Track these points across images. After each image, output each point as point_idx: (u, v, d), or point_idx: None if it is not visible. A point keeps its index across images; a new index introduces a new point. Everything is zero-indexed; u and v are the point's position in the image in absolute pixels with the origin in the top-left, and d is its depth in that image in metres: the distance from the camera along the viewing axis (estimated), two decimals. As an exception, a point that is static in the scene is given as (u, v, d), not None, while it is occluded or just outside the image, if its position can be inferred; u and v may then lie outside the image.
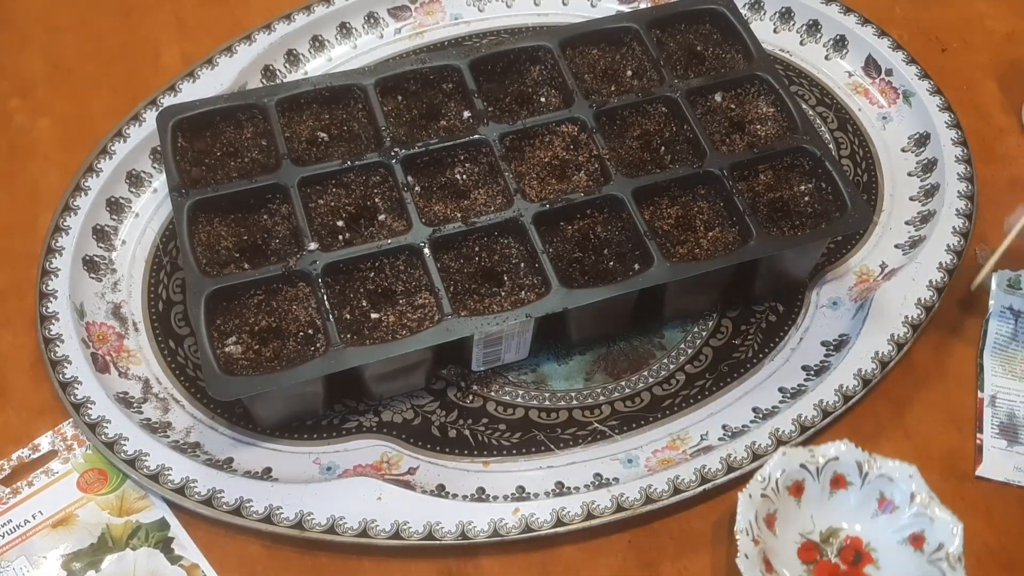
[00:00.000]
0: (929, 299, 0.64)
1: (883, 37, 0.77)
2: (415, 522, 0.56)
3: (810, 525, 0.57)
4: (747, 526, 0.54)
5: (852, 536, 0.57)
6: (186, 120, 0.67)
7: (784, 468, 0.57)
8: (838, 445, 0.58)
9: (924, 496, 0.56)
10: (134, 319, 0.65)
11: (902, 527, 0.56)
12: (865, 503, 0.57)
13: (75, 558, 0.56)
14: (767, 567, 0.54)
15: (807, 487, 0.57)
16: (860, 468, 0.57)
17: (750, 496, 0.55)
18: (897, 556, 0.56)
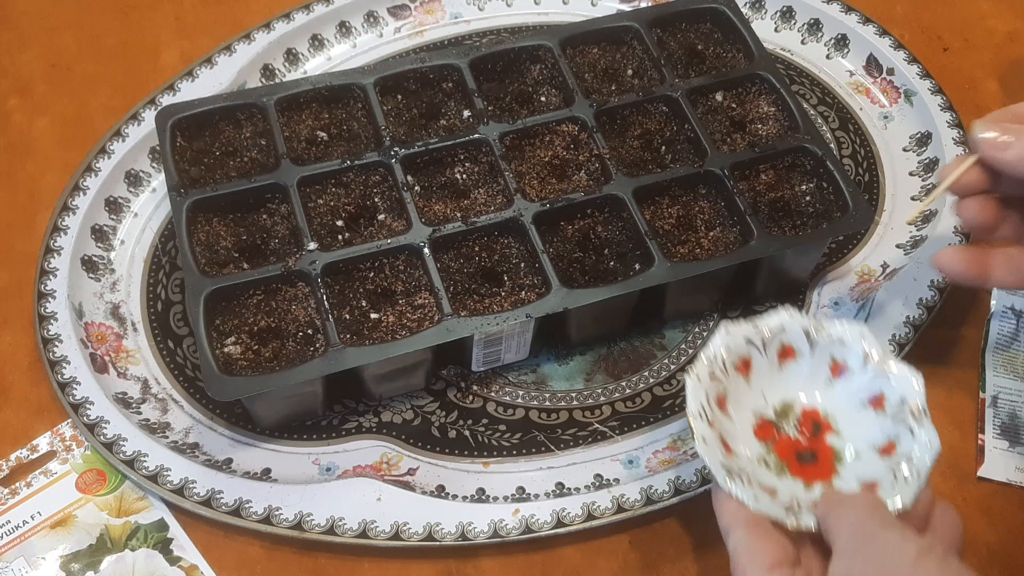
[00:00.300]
0: (931, 299, 0.64)
1: (884, 36, 0.77)
2: (415, 523, 0.56)
3: (763, 402, 0.55)
4: (699, 409, 0.51)
5: (808, 408, 0.55)
6: (185, 119, 0.66)
7: (729, 345, 0.54)
8: (781, 314, 0.55)
9: (878, 354, 0.53)
10: (133, 319, 0.65)
11: (859, 390, 0.54)
12: (817, 371, 0.55)
13: (74, 559, 0.56)
14: (726, 450, 0.51)
15: (755, 363, 0.55)
16: (808, 336, 0.54)
17: (698, 378, 0.52)
18: (858, 420, 0.54)
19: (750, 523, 0.48)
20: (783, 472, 0.52)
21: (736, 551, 0.47)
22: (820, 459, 0.53)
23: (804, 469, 0.53)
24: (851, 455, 0.53)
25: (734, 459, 0.51)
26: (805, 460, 0.53)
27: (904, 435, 0.52)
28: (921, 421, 0.51)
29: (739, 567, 0.47)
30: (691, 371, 0.53)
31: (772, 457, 0.53)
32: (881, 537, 0.44)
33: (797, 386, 0.55)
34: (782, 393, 0.55)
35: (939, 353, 0.65)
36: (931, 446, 0.50)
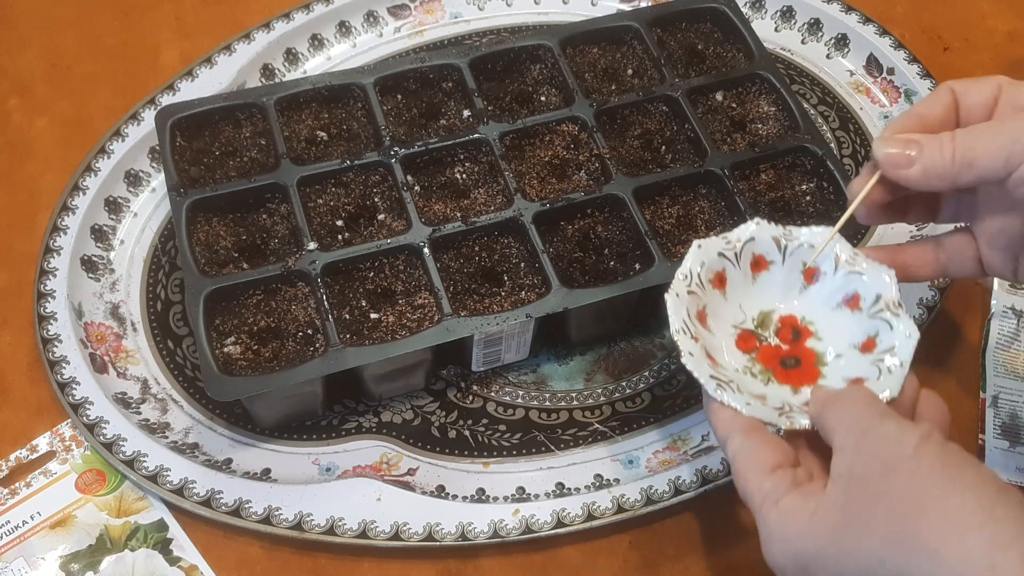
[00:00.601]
0: (931, 299, 0.64)
1: (884, 36, 0.77)
2: (415, 523, 0.56)
3: (741, 315, 0.55)
4: (682, 326, 0.51)
5: (785, 315, 0.55)
6: (185, 119, 0.66)
7: (703, 260, 0.54)
8: (749, 225, 0.55)
9: (848, 255, 0.54)
10: (132, 319, 0.65)
11: (833, 292, 0.54)
12: (791, 278, 0.55)
13: (73, 559, 0.56)
14: (712, 362, 0.52)
15: (729, 276, 0.55)
16: (778, 244, 0.55)
17: (677, 295, 0.53)
18: (836, 322, 0.54)
19: (747, 429, 0.48)
20: (769, 380, 0.53)
21: (736, 457, 0.47)
22: (803, 364, 0.54)
23: (789, 375, 0.53)
24: (833, 356, 0.53)
25: (721, 371, 0.51)
26: (789, 366, 0.53)
27: (883, 329, 0.52)
28: (898, 313, 0.52)
29: (740, 473, 0.47)
30: (670, 289, 0.53)
31: (757, 367, 0.53)
32: (880, 429, 0.44)
33: (773, 295, 0.55)
34: (759, 303, 0.55)
35: (939, 353, 0.65)
36: (911, 335, 0.51)
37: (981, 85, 0.51)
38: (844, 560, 0.42)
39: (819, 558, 0.43)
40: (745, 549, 0.57)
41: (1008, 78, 0.51)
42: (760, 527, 0.46)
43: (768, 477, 0.46)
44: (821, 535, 0.43)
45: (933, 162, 0.48)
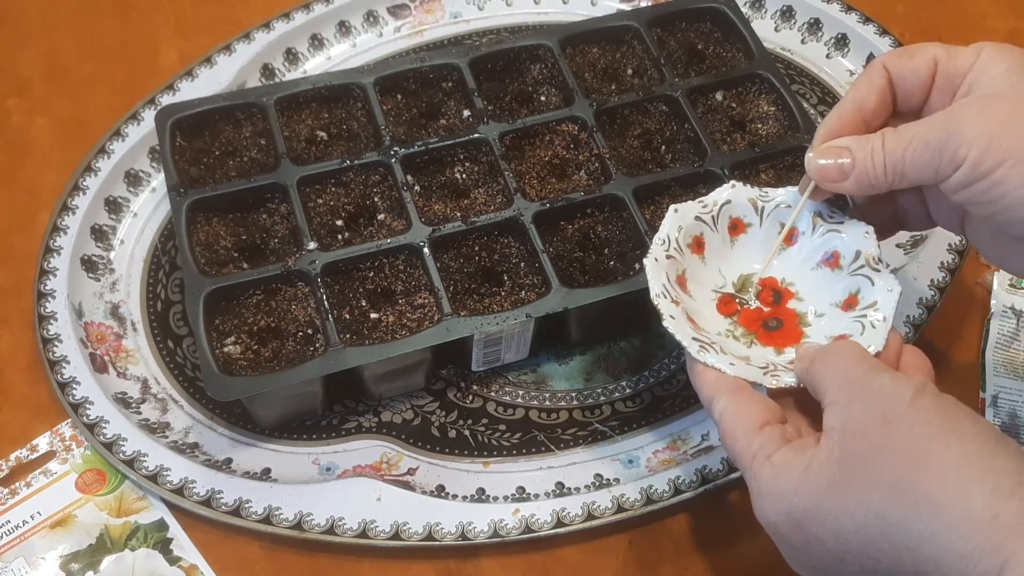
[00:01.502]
0: (930, 299, 0.64)
1: (884, 36, 0.77)
2: (415, 523, 0.56)
3: (720, 279, 0.55)
4: (662, 290, 0.51)
5: (765, 277, 0.55)
6: (184, 119, 0.66)
7: (680, 224, 0.54)
8: (725, 188, 0.55)
9: (826, 213, 0.53)
10: (132, 319, 0.65)
11: (812, 252, 0.54)
12: (769, 240, 0.55)
13: (73, 559, 0.56)
14: (694, 326, 0.51)
15: (707, 240, 0.55)
16: (755, 206, 0.55)
17: (655, 260, 0.52)
18: (816, 282, 0.54)
19: (732, 388, 0.47)
20: (752, 342, 0.53)
21: (722, 417, 0.47)
22: (786, 325, 0.53)
23: (772, 336, 0.53)
24: (814, 315, 0.53)
25: (703, 334, 0.51)
26: (771, 328, 0.53)
27: (864, 286, 0.52)
28: (878, 269, 0.52)
29: (728, 432, 0.46)
30: (648, 254, 0.53)
31: (739, 330, 0.53)
32: (874, 381, 0.43)
33: (751, 257, 0.55)
34: (738, 267, 0.55)
35: (939, 353, 0.65)
36: (892, 289, 0.51)
37: (915, 61, 0.49)
38: (841, 514, 0.41)
39: (815, 513, 0.42)
40: (745, 548, 0.57)
41: (943, 46, 0.49)
42: (751, 484, 0.45)
43: (757, 434, 0.45)
44: (817, 489, 0.42)
45: (866, 175, 0.48)
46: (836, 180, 0.49)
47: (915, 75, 0.49)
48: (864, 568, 0.42)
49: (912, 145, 0.46)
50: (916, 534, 0.40)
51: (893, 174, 0.47)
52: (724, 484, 0.58)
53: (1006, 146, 0.43)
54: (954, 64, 0.48)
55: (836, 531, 0.42)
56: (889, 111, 0.51)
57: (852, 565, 0.42)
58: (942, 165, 0.45)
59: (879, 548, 0.41)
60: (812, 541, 0.43)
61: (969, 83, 0.47)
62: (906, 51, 0.50)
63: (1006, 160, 0.43)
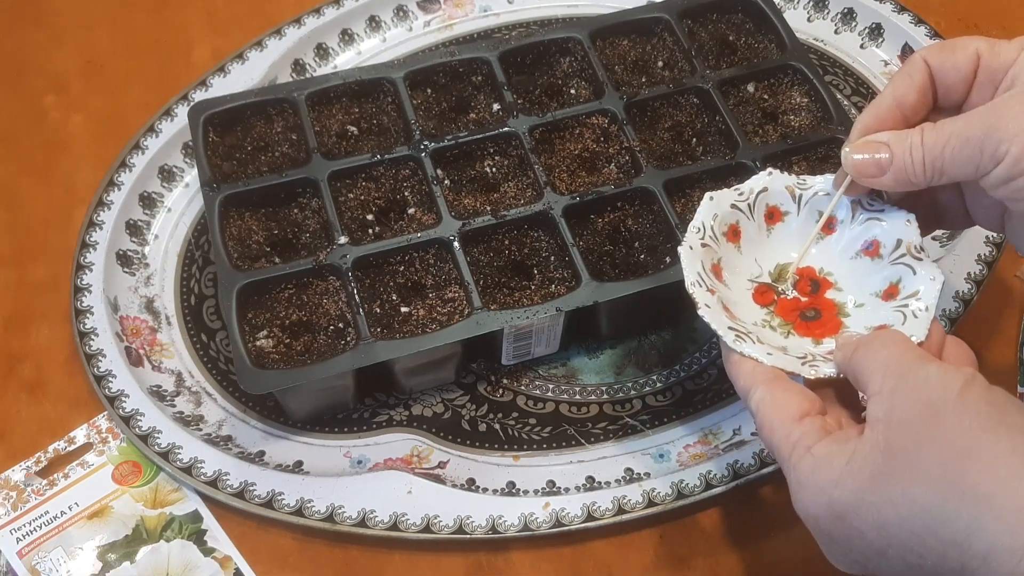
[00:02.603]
0: (967, 292, 0.63)
1: (920, 25, 0.76)
2: (445, 516, 0.56)
3: (757, 269, 0.54)
4: (697, 278, 0.50)
5: (802, 267, 0.53)
6: (217, 115, 0.67)
7: (716, 212, 0.53)
8: (762, 175, 0.54)
9: (865, 201, 0.52)
10: (167, 313, 0.66)
11: (852, 240, 0.52)
12: (806, 229, 0.54)
13: (110, 549, 0.57)
14: (730, 315, 0.50)
15: (743, 228, 0.53)
16: (793, 194, 0.53)
17: (690, 248, 0.51)
18: (856, 271, 0.52)
19: (769, 379, 0.46)
20: (789, 332, 0.52)
21: (760, 407, 0.46)
22: (824, 315, 0.52)
23: (810, 327, 0.52)
24: (854, 305, 0.52)
25: (739, 323, 0.50)
26: (809, 318, 0.52)
27: (905, 275, 0.51)
28: (920, 258, 0.50)
29: (765, 423, 0.45)
30: (683, 242, 0.52)
31: (776, 320, 0.52)
32: (921, 371, 0.42)
33: (789, 246, 0.54)
34: (775, 256, 0.54)
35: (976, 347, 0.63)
36: (935, 278, 0.50)
37: (958, 57, 0.48)
38: (884, 507, 0.40)
39: (858, 506, 0.41)
40: (777, 543, 0.57)
41: (986, 40, 0.48)
42: (790, 477, 0.44)
43: (796, 425, 0.44)
44: (860, 482, 0.41)
45: (904, 171, 0.47)
46: (873, 176, 0.49)
47: (956, 71, 0.48)
48: (907, 563, 0.41)
49: (952, 141, 0.45)
50: (963, 528, 0.38)
51: (932, 170, 0.46)
52: (756, 479, 0.57)
53: None
54: (997, 59, 0.47)
55: (879, 525, 0.41)
56: (929, 106, 0.50)
57: (894, 560, 0.41)
58: (983, 161, 0.44)
59: (923, 543, 0.40)
60: (853, 535, 0.42)
61: (1012, 78, 0.47)
62: (947, 45, 0.49)
63: None
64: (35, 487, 0.59)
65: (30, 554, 0.57)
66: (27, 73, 0.79)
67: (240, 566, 0.57)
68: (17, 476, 0.60)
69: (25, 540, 0.57)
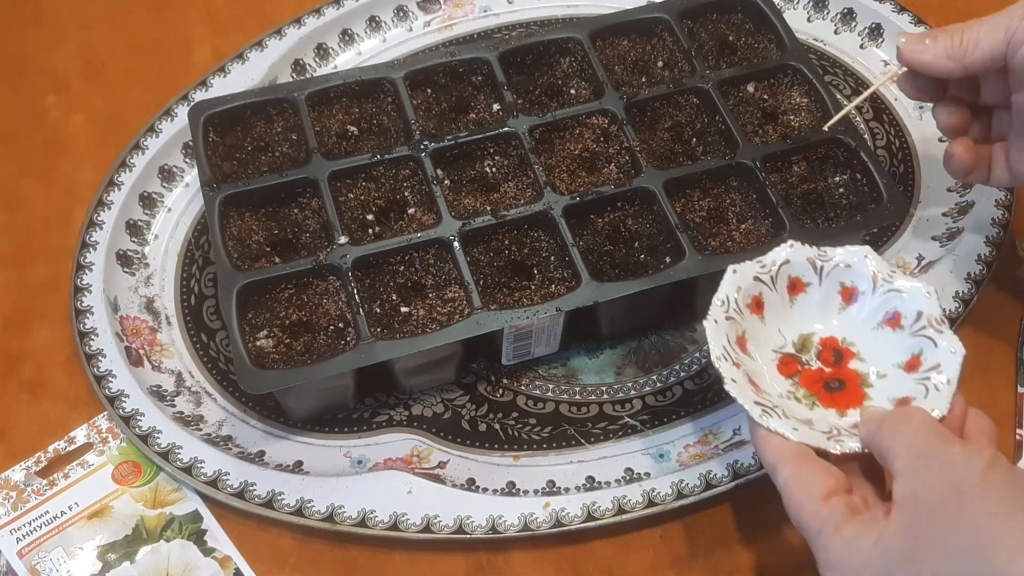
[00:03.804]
0: (967, 292, 0.63)
1: (920, 25, 0.76)
2: (445, 516, 0.56)
3: (780, 339, 0.55)
4: (722, 352, 0.51)
5: (825, 337, 0.55)
6: (217, 115, 0.67)
7: (739, 285, 0.54)
8: (783, 247, 0.55)
9: (885, 273, 0.53)
10: (167, 313, 0.66)
11: (873, 311, 0.54)
12: (828, 299, 0.55)
13: (110, 549, 0.57)
14: (755, 388, 0.51)
15: (766, 300, 0.54)
16: (814, 265, 0.55)
17: (715, 321, 0.52)
18: (878, 342, 0.54)
19: (796, 457, 0.47)
20: (814, 404, 0.52)
21: (787, 486, 0.46)
22: (848, 386, 0.53)
23: (834, 398, 0.53)
24: (877, 376, 0.53)
25: (765, 396, 0.51)
26: (833, 389, 0.53)
27: (927, 347, 0.52)
28: (941, 330, 0.51)
29: (793, 501, 0.46)
30: (708, 316, 0.53)
31: (800, 391, 0.53)
32: (944, 453, 0.43)
33: (811, 317, 0.55)
34: (798, 327, 0.55)
35: (976, 347, 0.64)
36: (956, 351, 0.51)
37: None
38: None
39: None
40: (777, 543, 0.57)
41: None
42: (818, 555, 0.45)
43: (824, 505, 0.45)
44: (890, 563, 0.42)
45: (945, 43, 0.55)
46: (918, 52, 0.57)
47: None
48: None
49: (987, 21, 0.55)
50: None
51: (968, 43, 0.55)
52: (756, 479, 0.57)
53: None
54: None
55: None
56: None
57: None
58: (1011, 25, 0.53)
59: None
60: None
61: None
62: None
63: None
64: (35, 487, 0.59)
65: (30, 554, 0.57)
66: (27, 73, 0.79)
67: (240, 566, 0.57)
68: (17, 476, 0.60)
69: (25, 540, 0.57)
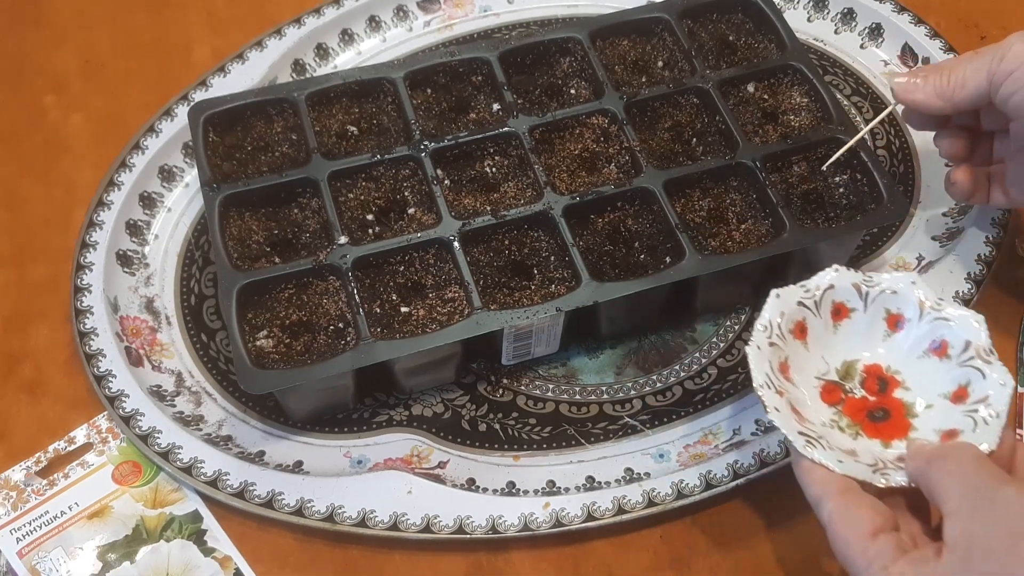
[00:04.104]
0: (967, 292, 0.63)
1: (920, 25, 0.76)
2: (445, 516, 0.56)
3: (824, 366, 0.54)
4: (765, 380, 0.50)
5: (869, 364, 0.54)
6: (217, 115, 0.67)
7: (783, 310, 0.53)
8: (828, 272, 0.54)
9: (933, 301, 0.52)
10: (167, 313, 0.66)
11: (919, 339, 0.53)
12: (874, 326, 0.54)
13: (110, 549, 0.57)
14: (798, 417, 0.50)
15: (810, 325, 0.54)
16: (859, 290, 0.54)
17: (758, 347, 0.51)
18: (924, 371, 0.52)
19: (841, 491, 0.46)
20: (858, 434, 0.52)
21: (832, 522, 0.46)
22: (892, 415, 0.52)
23: (879, 428, 0.52)
24: (923, 407, 0.52)
25: (808, 426, 0.50)
26: (877, 418, 0.52)
27: (975, 378, 0.50)
28: (990, 361, 0.50)
29: (839, 537, 0.45)
30: (750, 342, 0.52)
31: (844, 420, 0.52)
32: (999, 495, 0.42)
33: (855, 344, 0.54)
34: (841, 353, 0.54)
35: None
36: (1005, 383, 0.49)
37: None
38: None
39: None
40: (777, 543, 0.57)
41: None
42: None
43: (871, 543, 0.44)
44: None
45: (935, 84, 0.57)
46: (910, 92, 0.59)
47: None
48: None
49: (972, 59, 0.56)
50: None
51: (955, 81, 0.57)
52: (756, 479, 0.57)
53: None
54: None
55: None
56: None
57: None
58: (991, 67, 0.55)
59: None
60: None
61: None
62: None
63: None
64: (35, 487, 0.59)
65: (30, 554, 0.57)
66: (27, 73, 0.79)
67: (240, 566, 0.57)
68: (17, 476, 0.60)
69: (25, 540, 0.57)
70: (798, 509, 0.57)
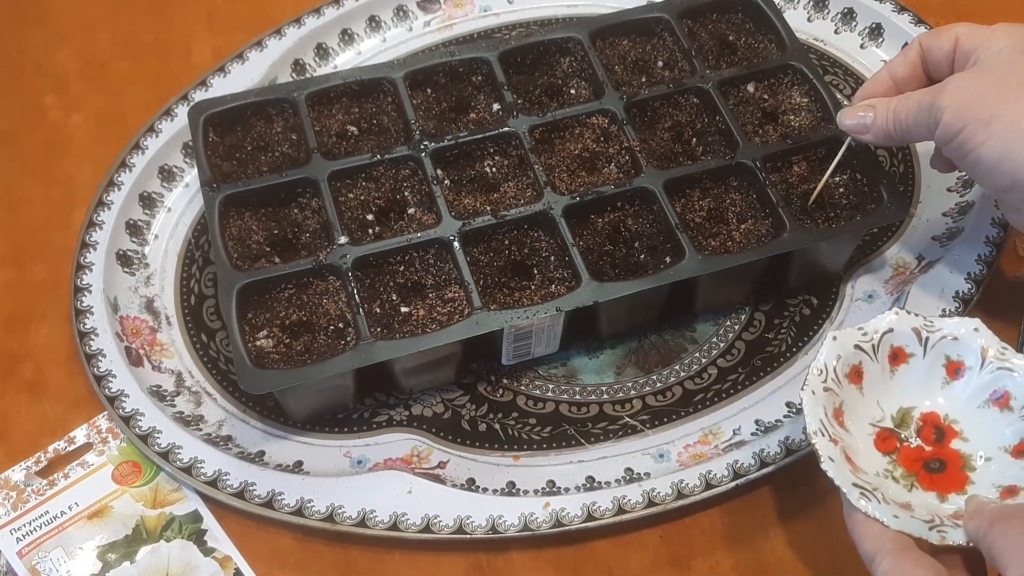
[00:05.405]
0: (967, 292, 0.63)
1: (920, 25, 0.76)
2: (445, 516, 0.56)
3: (879, 412, 0.52)
4: (819, 427, 0.48)
5: (926, 412, 0.52)
6: (217, 115, 0.67)
7: (839, 353, 0.51)
8: (888, 315, 0.52)
9: (997, 349, 0.51)
10: (167, 313, 0.66)
11: (980, 389, 0.51)
12: (932, 373, 0.52)
13: (110, 549, 0.57)
14: (852, 466, 0.48)
15: (866, 370, 0.52)
16: (919, 335, 0.52)
17: (813, 393, 0.50)
18: (983, 422, 0.51)
19: (897, 549, 0.45)
20: (913, 485, 0.50)
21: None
22: (949, 467, 0.51)
23: (934, 480, 0.50)
24: (982, 460, 0.50)
25: (862, 476, 0.48)
26: (933, 470, 0.51)
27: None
28: None
29: None
30: (805, 386, 0.50)
31: (898, 470, 0.51)
32: None
33: (913, 391, 0.52)
34: (898, 400, 0.52)
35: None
36: None
37: (941, 39, 0.58)
38: None
39: None
40: (777, 544, 0.57)
41: (968, 25, 0.58)
42: None
43: None
44: None
45: (881, 129, 0.58)
46: (861, 133, 0.60)
47: (940, 50, 0.58)
48: None
49: (913, 106, 0.56)
50: None
51: (899, 129, 0.57)
52: (756, 479, 0.57)
53: (970, 115, 0.53)
54: (970, 40, 0.57)
55: None
56: (921, 80, 0.60)
57: None
58: (929, 123, 0.55)
59: None
60: None
61: (975, 58, 0.56)
62: (937, 30, 0.60)
63: (967, 125, 0.53)
64: (35, 487, 0.59)
65: (30, 554, 0.57)
66: (27, 73, 0.79)
67: (240, 566, 0.57)
68: (17, 476, 0.60)
69: (25, 540, 0.57)
70: (798, 509, 0.58)
